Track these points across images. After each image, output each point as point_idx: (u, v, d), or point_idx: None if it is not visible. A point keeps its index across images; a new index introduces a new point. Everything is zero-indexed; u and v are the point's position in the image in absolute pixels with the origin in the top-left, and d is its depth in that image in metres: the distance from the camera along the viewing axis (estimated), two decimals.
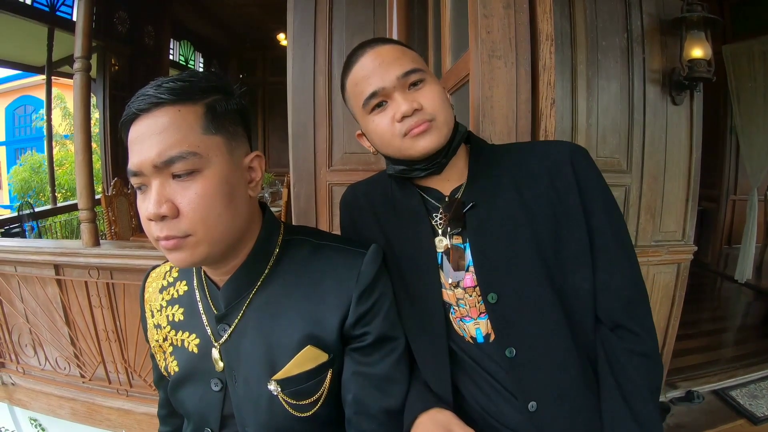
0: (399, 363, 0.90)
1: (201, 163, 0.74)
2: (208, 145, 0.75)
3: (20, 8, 4.33)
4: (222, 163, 0.76)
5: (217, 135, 0.76)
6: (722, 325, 3.66)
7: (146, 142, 0.73)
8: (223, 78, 0.83)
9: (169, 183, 0.73)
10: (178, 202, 0.73)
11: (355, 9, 2.08)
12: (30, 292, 2.55)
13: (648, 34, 2.32)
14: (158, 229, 0.74)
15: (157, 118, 0.73)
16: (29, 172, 11.17)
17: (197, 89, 0.76)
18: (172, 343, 0.95)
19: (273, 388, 0.83)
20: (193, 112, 0.75)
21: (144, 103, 0.73)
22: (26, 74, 9.97)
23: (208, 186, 0.74)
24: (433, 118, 0.86)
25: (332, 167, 2.08)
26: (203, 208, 0.73)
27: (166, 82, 0.75)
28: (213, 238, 0.76)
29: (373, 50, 0.89)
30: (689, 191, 2.43)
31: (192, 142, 0.73)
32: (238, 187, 0.79)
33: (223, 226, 0.76)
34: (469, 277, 0.90)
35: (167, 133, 0.72)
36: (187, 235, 0.74)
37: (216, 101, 0.78)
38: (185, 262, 0.77)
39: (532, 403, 0.85)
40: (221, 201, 0.75)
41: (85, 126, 2.44)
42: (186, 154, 0.72)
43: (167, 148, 0.72)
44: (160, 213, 0.72)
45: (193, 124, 0.74)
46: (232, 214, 0.78)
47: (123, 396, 2.47)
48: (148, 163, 0.72)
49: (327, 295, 0.85)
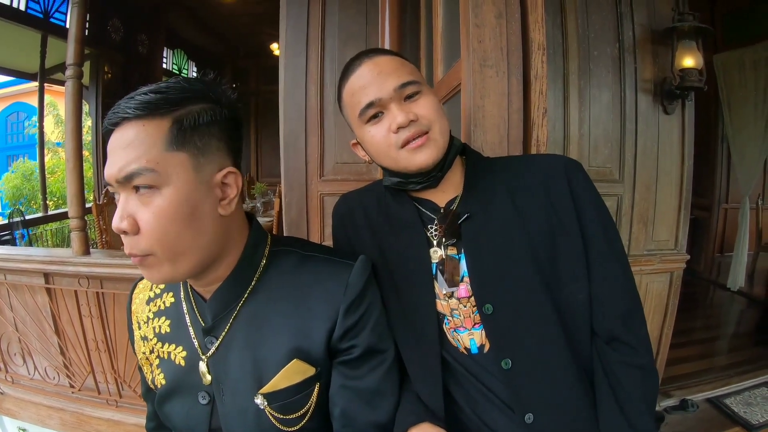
0: (387, 376, 0.89)
1: (159, 180, 0.72)
2: (169, 162, 0.73)
3: (14, 14, 4.33)
4: (183, 181, 0.74)
5: (180, 151, 0.74)
6: (715, 333, 3.65)
7: (112, 156, 0.73)
8: (211, 85, 0.81)
9: (132, 197, 0.73)
10: (139, 218, 0.72)
11: (348, 19, 2.09)
12: (19, 300, 2.52)
13: (639, 43, 2.34)
14: (124, 241, 0.74)
15: (123, 132, 0.73)
16: (21, 180, 11.09)
17: (167, 101, 0.74)
18: (159, 355, 0.93)
19: (260, 401, 0.82)
20: (157, 126, 0.73)
21: (115, 117, 0.74)
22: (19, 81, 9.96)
23: (166, 205, 0.72)
24: (429, 129, 0.87)
25: (324, 177, 2.08)
26: (160, 227, 0.72)
27: (139, 93, 0.74)
28: (173, 257, 0.75)
29: (371, 60, 0.90)
30: (681, 200, 2.43)
31: (151, 158, 0.71)
32: (203, 205, 0.76)
33: (184, 246, 0.75)
34: (464, 288, 0.90)
35: (130, 148, 0.72)
36: (148, 254, 0.73)
37: (186, 114, 0.75)
38: (155, 280, 0.77)
39: (529, 414, 0.84)
40: (180, 221, 0.73)
41: (76, 133, 2.42)
42: (143, 170, 0.71)
43: (127, 164, 0.71)
44: (121, 227, 0.72)
45: (156, 139, 0.72)
46: (194, 234, 0.75)
47: (113, 406, 2.43)
48: (112, 177, 0.73)
49: (314, 307, 0.84)
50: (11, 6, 4.31)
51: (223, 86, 0.83)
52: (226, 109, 0.81)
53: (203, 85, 0.79)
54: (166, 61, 6.86)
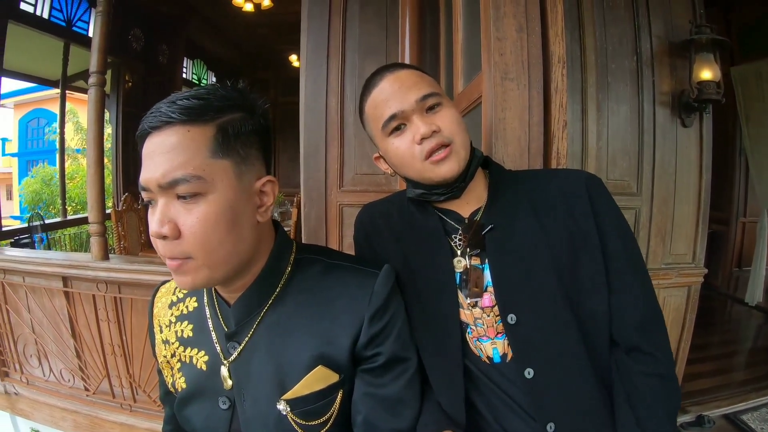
0: (410, 384, 0.89)
1: (205, 187, 0.72)
2: (214, 169, 0.73)
3: (37, 22, 4.42)
4: (227, 188, 0.75)
5: (225, 159, 0.75)
6: (733, 348, 3.59)
7: (154, 160, 0.72)
8: (245, 94, 0.81)
9: (173, 203, 0.73)
10: (181, 223, 0.72)
11: (368, 32, 2.12)
12: (37, 302, 2.56)
13: (657, 56, 2.34)
14: (162, 246, 0.74)
15: (166, 137, 0.72)
16: (40, 184, 11.31)
17: (211, 108, 0.74)
18: (180, 359, 0.94)
19: (282, 407, 0.82)
20: (202, 133, 0.73)
21: (156, 121, 0.73)
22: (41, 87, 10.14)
23: (211, 212, 0.73)
24: (451, 141, 0.89)
25: (343, 188, 2.09)
26: (204, 233, 0.72)
27: (181, 98, 0.74)
28: (214, 263, 0.75)
29: (392, 74, 0.92)
30: (699, 213, 2.41)
31: (197, 165, 0.72)
32: (245, 212, 0.78)
33: (225, 252, 0.75)
34: (488, 297, 0.91)
35: (173, 153, 0.71)
36: (188, 257, 0.73)
37: (229, 122, 0.76)
38: (188, 285, 0.76)
39: (551, 424, 0.84)
40: (224, 227, 0.74)
41: (98, 140, 2.47)
42: (190, 177, 0.71)
43: (172, 170, 0.71)
44: (161, 232, 0.72)
45: (201, 146, 0.73)
46: (235, 240, 0.76)
47: (126, 411, 2.45)
48: (153, 182, 0.72)
49: (339, 315, 0.84)
50: (35, 14, 4.39)
51: (254, 94, 0.83)
52: (261, 118, 0.82)
53: (239, 94, 0.80)
54: (186, 71, 6.96)
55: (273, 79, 8.46)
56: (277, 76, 8.42)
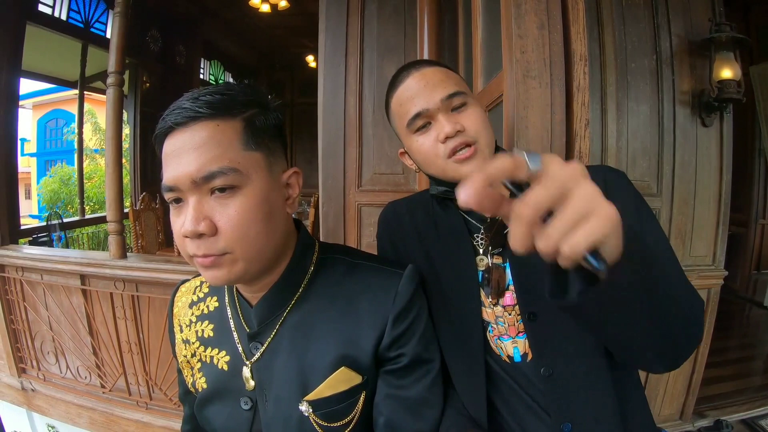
0: (433, 386, 0.88)
1: (241, 180, 0.72)
2: (249, 161, 0.73)
3: (56, 24, 4.47)
4: (262, 180, 0.74)
5: (256, 151, 0.75)
6: (751, 352, 3.54)
7: (184, 157, 0.70)
8: (259, 91, 0.81)
9: (207, 199, 0.71)
10: (217, 219, 0.71)
11: (386, 31, 2.11)
12: (55, 300, 2.60)
13: (677, 55, 2.30)
14: (194, 246, 0.72)
15: (195, 132, 0.71)
16: (59, 184, 11.48)
17: (236, 103, 0.74)
18: (201, 359, 0.94)
19: (304, 408, 0.82)
20: (231, 127, 0.73)
21: (181, 117, 0.71)
22: (59, 88, 10.31)
23: (249, 204, 0.72)
24: (476, 141, 0.88)
25: (361, 187, 2.09)
26: (243, 226, 0.71)
27: (204, 94, 0.73)
28: (251, 256, 0.74)
29: (419, 72, 0.92)
30: (719, 215, 2.37)
31: (232, 158, 0.71)
32: (277, 204, 0.78)
33: (262, 244, 0.75)
34: (509, 296, 0.90)
35: (206, 147, 0.70)
36: (225, 253, 0.72)
37: (254, 115, 0.76)
38: (221, 280, 0.75)
39: (567, 424, 0.83)
40: (261, 219, 0.73)
41: (116, 139, 2.49)
42: (227, 170, 0.70)
43: (207, 163, 0.69)
44: (198, 231, 0.70)
45: (233, 139, 0.72)
46: (271, 232, 0.76)
47: (142, 408, 2.47)
48: (186, 177, 0.70)
49: (363, 315, 0.84)
50: (53, 16, 4.45)
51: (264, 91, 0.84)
52: (275, 113, 0.82)
53: (253, 91, 0.80)
54: (203, 72, 7.02)
55: (289, 80, 8.49)
56: (293, 77, 8.45)
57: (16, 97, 3.22)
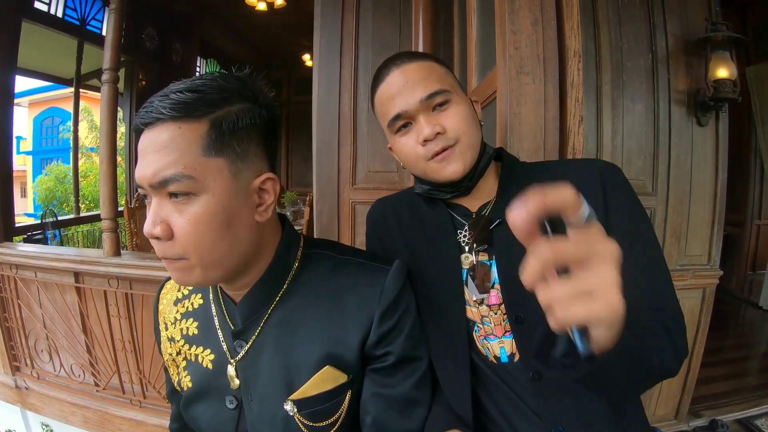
0: (420, 384, 0.87)
1: (196, 187, 0.69)
2: (207, 168, 0.69)
3: (51, 21, 4.44)
4: (221, 188, 0.71)
5: (218, 157, 0.70)
6: (746, 352, 3.55)
7: (145, 159, 0.70)
8: (248, 83, 0.77)
9: (165, 203, 0.70)
10: (173, 224, 0.70)
11: (381, 28, 2.11)
12: (49, 298, 2.58)
13: (673, 54, 2.30)
14: (156, 245, 0.72)
15: (157, 134, 0.69)
16: (54, 182, 11.45)
17: (204, 102, 0.70)
18: (186, 357, 0.92)
19: (289, 408, 0.80)
20: (193, 129, 0.69)
21: (147, 117, 0.70)
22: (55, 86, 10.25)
23: (202, 213, 0.69)
24: (457, 142, 0.86)
25: (356, 185, 2.08)
26: (195, 234, 0.69)
27: (174, 92, 0.70)
28: (207, 264, 0.72)
29: (399, 69, 0.89)
30: (715, 214, 2.37)
31: (188, 163, 0.68)
32: (240, 213, 0.74)
33: (220, 252, 0.72)
34: (495, 295, 0.88)
35: (165, 151, 0.68)
36: (181, 258, 0.71)
37: (225, 116, 0.71)
38: (183, 282, 0.75)
39: (558, 428, 0.82)
40: (216, 229, 0.71)
41: (111, 136, 2.47)
42: (180, 177, 0.68)
43: (162, 168, 0.68)
44: (154, 233, 0.69)
45: (192, 143, 0.69)
46: (230, 242, 0.73)
47: (136, 407, 2.45)
48: (144, 180, 0.69)
49: (348, 313, 0.82)
50: (49, 13, 4.42)
51: (259, 83, 0.79)
52: (264, 109, 0.77)
53: (240, 83, 0.75)
54: (199, 70, 7.00)
55: (286, 79, 8.45)
56: (290, 75, 8.41)
57: (12, 95, 3.21)
